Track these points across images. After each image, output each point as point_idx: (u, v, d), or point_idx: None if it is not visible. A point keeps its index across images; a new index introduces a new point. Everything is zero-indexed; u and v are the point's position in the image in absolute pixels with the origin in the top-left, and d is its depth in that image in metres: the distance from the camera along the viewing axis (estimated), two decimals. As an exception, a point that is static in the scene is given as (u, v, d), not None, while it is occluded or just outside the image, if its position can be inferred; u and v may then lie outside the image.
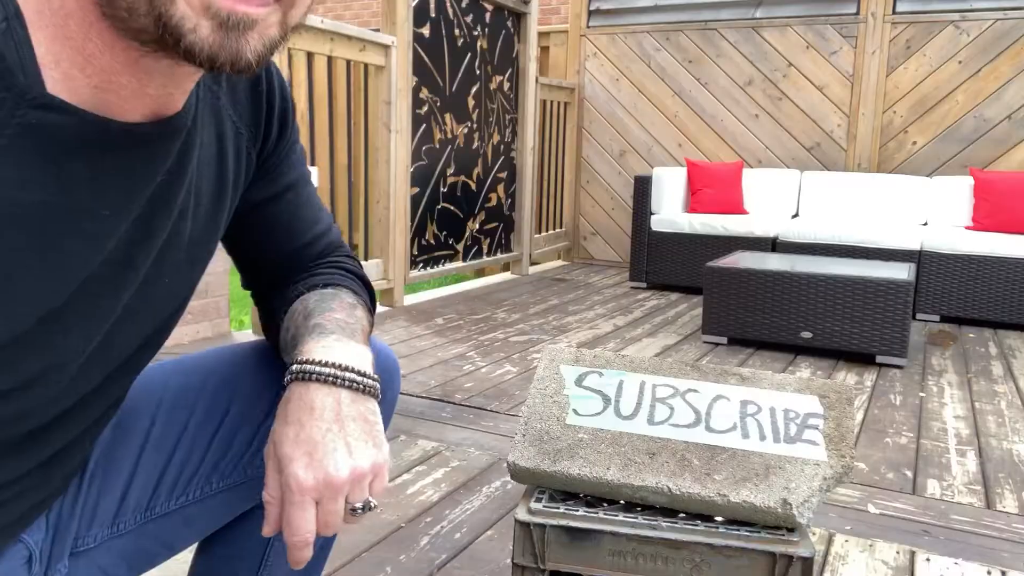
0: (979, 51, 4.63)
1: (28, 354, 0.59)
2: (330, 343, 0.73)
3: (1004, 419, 2.50)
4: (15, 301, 0.55)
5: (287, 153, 0.82)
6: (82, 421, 0.70)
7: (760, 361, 3.15)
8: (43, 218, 0.54)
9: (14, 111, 0.50)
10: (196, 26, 0.51)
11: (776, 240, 4.46)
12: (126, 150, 0.58)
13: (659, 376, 1.05)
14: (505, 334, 3.46)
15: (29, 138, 0.51)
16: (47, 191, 0.53)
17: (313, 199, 0.88)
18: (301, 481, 0.66)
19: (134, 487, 0.81)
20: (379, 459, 0.69)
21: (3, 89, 0.49)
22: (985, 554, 1.61)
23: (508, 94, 4.98)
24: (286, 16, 0.57)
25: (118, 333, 0.67)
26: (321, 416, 0.68)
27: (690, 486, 0.90)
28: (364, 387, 0.71)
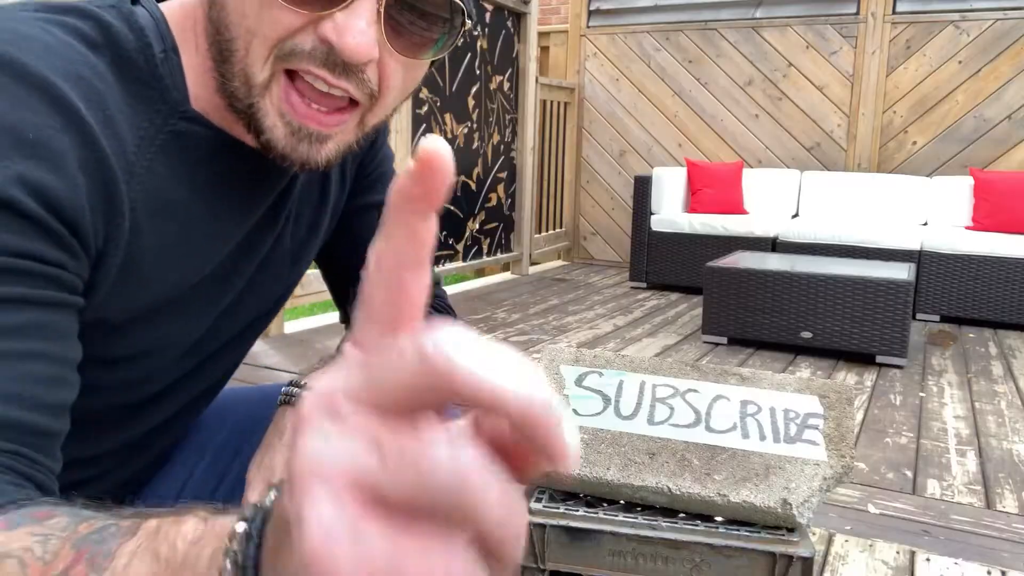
0: (979, 51, 4.63)
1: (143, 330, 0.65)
2: None
3: (1004, 419, 2.50)
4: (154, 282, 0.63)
5: (377, 170, 0.86)
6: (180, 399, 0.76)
7: (760, 361, 3.15)
8: (184, 214, 0.63)
9: (168, 119, 0.61)
10: (273, 125, 0.60)
11: (776, 240, 4.46)
12: (251, 168, 0.67)
13: (659, 376, 1.05)
14: (505, 334, 3.46)
15: (177, 143, 0.61)
16: (190, 190, 0.63)
17: None
18: None
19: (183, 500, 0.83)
20: None
21: (161, 102, 0.60)
22: (985, 554, 1.61)
23: (508, 94, 4.98)
24: (364, 120, 0.63)
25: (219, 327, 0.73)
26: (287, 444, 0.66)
27: (690, 486, 0.90)
28: None
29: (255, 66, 0.58)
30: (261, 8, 0.57)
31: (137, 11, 0.61)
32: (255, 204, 0.69)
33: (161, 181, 0.60)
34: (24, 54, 0.52)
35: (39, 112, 0.51)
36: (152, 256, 0.61)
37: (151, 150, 0.59)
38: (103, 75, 0.56)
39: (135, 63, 0.59)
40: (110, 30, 0.58)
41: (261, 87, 0.59)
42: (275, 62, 0.58)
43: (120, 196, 0.56)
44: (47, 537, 0.41)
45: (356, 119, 0.62)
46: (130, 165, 0.58)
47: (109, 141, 0.55)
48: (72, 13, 0.58)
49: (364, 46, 0.56)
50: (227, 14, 0.58)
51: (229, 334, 0.77)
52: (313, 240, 0.80)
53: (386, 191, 0.83)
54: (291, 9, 0.56)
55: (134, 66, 0.59)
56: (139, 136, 0.58)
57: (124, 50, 0.58)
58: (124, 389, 0.68)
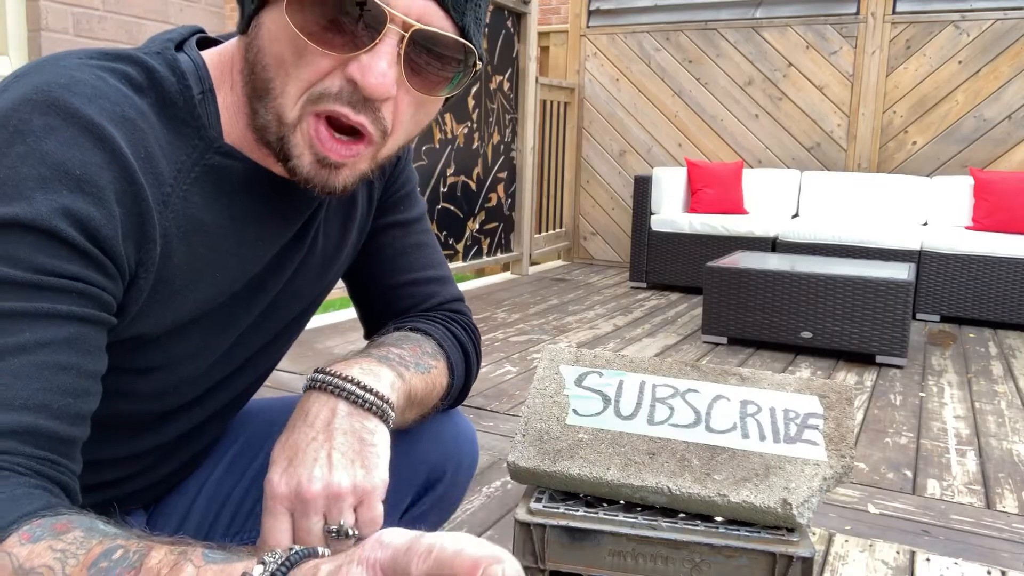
0: (979, 51, 4.63)
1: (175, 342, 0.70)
2: (356, 361, 0.73)
3: (1004, 419, 2.50)
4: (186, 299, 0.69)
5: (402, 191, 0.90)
6: (211, 406, 0.80)
7: (760, 361, 3.15)
8: (217, 237, 0.70)
9: (204, 153, 0.68)
10: (302, 154, 0.66)
11: (776, 240, 4.46)
12: (281, 195, 0.73)
13: (659, 376, 1.05)
14: (505, 334, 3.46)
15: (212, 175, 0.69)
16: (221, 217, 0.70)
17: (427, 248, 0.93)
18: (274, 486, 0.64)
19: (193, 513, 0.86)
20: (364, 483, 0.65)
21: (198, 138, 0.68)
22: (985, 554, 1.61)
23: (508, 94, 4.98)
24: (377, 154, 0.69)
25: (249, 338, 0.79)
26: (312, 424, 0.67)
27: (690, 486, 0.89)
28: (366, 403, 0.68)
29: (287, 105, 0.65)
30: (297, 53, 0.63)
31: (180, 57, 0.69)
32: (285, 227, 0.76)
33: (195, 208, 0.67)
34: (76, 98, 0.59)
35: (85, 150, 0.58)
36: (183, 276, 0.68)
37: (188, 180, 0.67)
38: (146, 115, 0.64)
39: (175, 103, 0.66)
40: (154, 74, 0.66)
41: (292, 125, 0.65)
42: (305, 104, 0.64)
43: (152, 225, 0.63)
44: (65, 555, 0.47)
45: (371, 152, 0.68)
46: (166, 196, 0.65)
47: (147, 176, 0.62)
48: (123, 59, 0.65)
49: (384, 85, 0.63)
50: (264, 56, 0.65)
51: (259, 344, 0.81)
52: (339, 256, 0.86)
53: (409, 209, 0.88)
54: (323, 53, 0.63)
55: (175, 106, 0.66)
56: (177, 168, 0.66)
57: (166, 92, 0.66)
58: (157, 396, 0.73)
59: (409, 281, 0.91)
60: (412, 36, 0.63)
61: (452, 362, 0.87)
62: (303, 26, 0.62)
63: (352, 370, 0.71)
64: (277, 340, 0.84)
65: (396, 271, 0.91)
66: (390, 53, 0.63)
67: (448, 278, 0.95)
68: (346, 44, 0.62)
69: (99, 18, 2.59)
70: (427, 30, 0.63)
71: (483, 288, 4.70)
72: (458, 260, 4.62)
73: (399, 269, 0.91)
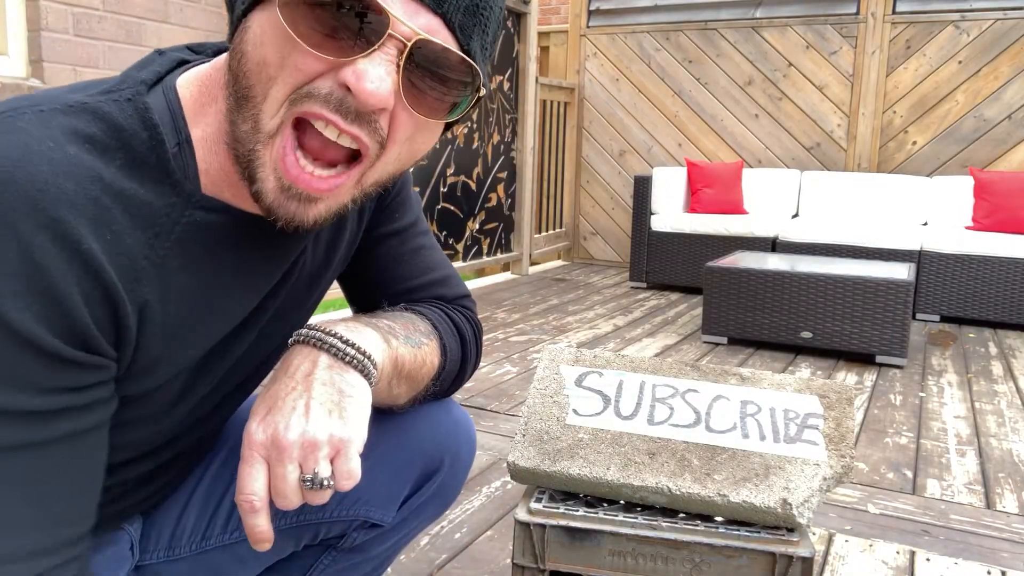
0: (979, 51, 4.63)
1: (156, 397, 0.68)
2: (343, 322, 0.72)
3: (1004, 419, 2.50)
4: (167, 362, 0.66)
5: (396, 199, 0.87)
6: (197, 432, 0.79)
7: (760, 361, 3.15)
8: (200, 296, 0.66)
9: (183, 211, 0.63)
10: (266, 178, 0.61)
11: (776, 240, 4.46)
12: (269, 240, 0.69)
13: (659, 376, 1.05)
14: (505, 334, 3.46)
15: (193, 233, 0.64)
16: (205, 275, 0.66)
17: (425, 251, 0.90)
18: (251, 434, 0.65)
19: (188, 514, 0.85)
20: (340, 433, 0.65)
21: (175, 195, 0.62)
22: (985, 554, 1.61)
23: (508, 94, 4.98)
24: (363, 178, 0.64)
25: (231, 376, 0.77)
26: (292, 375, 0.67)
27: (690, 486, 0.89)
28: (347, 356, 0.68)
29: (268, 112, 0.59)
30: (284, 54, 0.58)
31: (154, 103, 0.63)
32: (271, 272, 0.73)
33: (175, 273, 0.63)
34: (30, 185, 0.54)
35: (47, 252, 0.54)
36: (164, 342, 0.65)
37: (166, 244, 0.62)
38: (112, 186, 0.58)
39: (146, 162, 0.61)
40: (122, 133, 0.60)
41: (267, 135, 0.60)
42: (288, 107, 0.59)
43: (124, 309, 0.59)
44: None
45: (354, 179, 0.63)
46: (138, 272, 0.60)
47: (113, 259, 0.58)
48: (88, 114, 0.59)
49: (381, 92, 0.58)
50: (247, 62, 0.60)
51: (246, 373, 0.79)
52: (325, 274, 0.82)
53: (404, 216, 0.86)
54: (315, 55, 0.58)
55: (146, 165, 0.61)
56: (153, 234, 0.61)
57: (135, 152, 0.61)
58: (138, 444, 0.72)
59: (412, 288, 0.89)
60: (414, 47, 0.58)
61: (445, 343, 0.85)
62: (295, 25, 0.57)
63: (337, 327, 0.70)
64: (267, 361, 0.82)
65: (397, 279, 0.89)
66: (389, 62, 0.58)
67: (451, 276, 0.93)
68: (342, 48, 0.58)
69: (99, 18, 2.59)
70: (431, 42, 0.59)
71: (483, 288, 4.70)
72: (458, 260, 4.61)
73: (400, 278, 0.89)
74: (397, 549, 0.99)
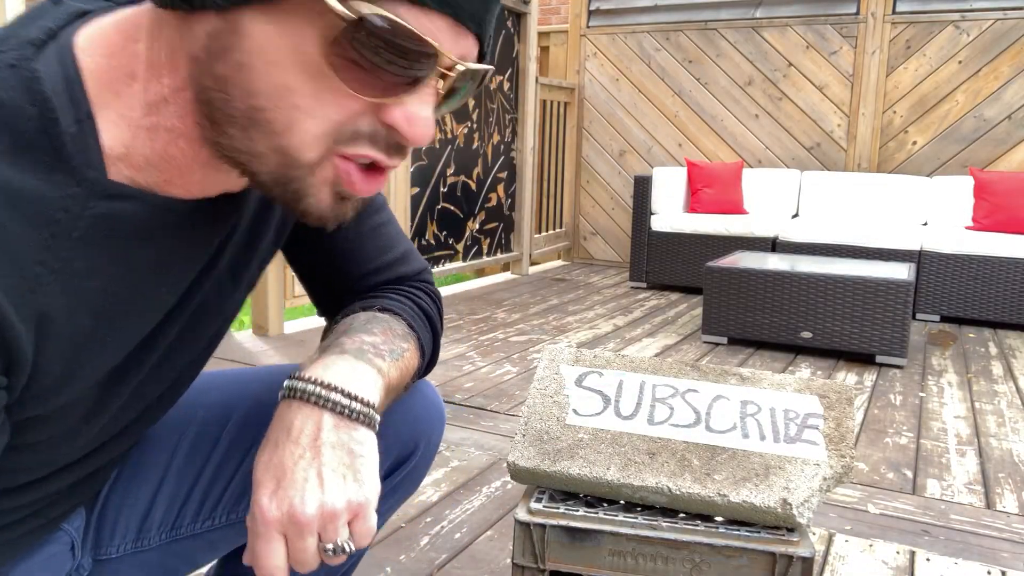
0: (979, 51, 4.63)
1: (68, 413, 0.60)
2: (334, 361, 0.67)
3: (1004, 419, 2.50)
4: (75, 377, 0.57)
5: None
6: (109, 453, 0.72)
7: (760, 361, 3.15)
8: (108, 301, 0.57)
9: (86, 204, 0.53)
10: (320, 194, 0.55)
11: (776, 240, 4.46)
12: (190, 228, 0.61)
13: (659, 376, 1.05)
14: (505, 334, 3.46)
15: (100, 228, 0.54)
16: (112, 277, 0.56)
17: (383, 228, 0.85)
18: (264, 512, 0.61)
19: (157, 507, 0.82)
20: (357, 497, 0.62)
21: (74, 185, 0.52)
22: (985, 554, 1.61)
23: (508, 94, 4.98)
24: None
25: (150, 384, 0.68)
26: (297, 440, 0.63)
27: (690, 486, 0.90)
28: (352, 412, 0.64)
29: (304, 146, 0.53)
30: (319, 89, 0.51)
31: (42, 73, 0.51)
32: (192, 262, 0.64)
33: (79, 276, 0.54)
34: None
35: None
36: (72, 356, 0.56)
37: (67, 245, 0.52)
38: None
39: (37, 146, 0.50)
40: (2, 111, 0.49)
41: (310, 167, 0.54)
42: (331, 145, 0.54)
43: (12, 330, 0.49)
44: None
45: None
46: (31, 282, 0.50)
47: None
48: None
49: (430, 133, 0.55)
50: (255, 80, 0.51)
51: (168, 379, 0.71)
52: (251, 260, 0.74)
53: None
54: (355, 96, 0.52)
55: (37, 149, 0.50)
56: (50, 233, 0.51)
57: (22, 133, 0.50)
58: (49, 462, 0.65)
59: (373, 270, 0.84)
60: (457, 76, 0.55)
61: (423, 342, 0.82)
62: (331, 58, 0.50)
63: (333, 375, 0.65)
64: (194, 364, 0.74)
65: (354, 263, 0.83)
66: (433, 96, 0.54)
67: (408, 252, 0.87)
68: (386, 86, 0.52)
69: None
70: (473, 69, 0.55)
71: (483, 288, 4.70)
72: (458, 260, 4.62)
73: (357, 261, 0.83)
74: None
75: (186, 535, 0.83)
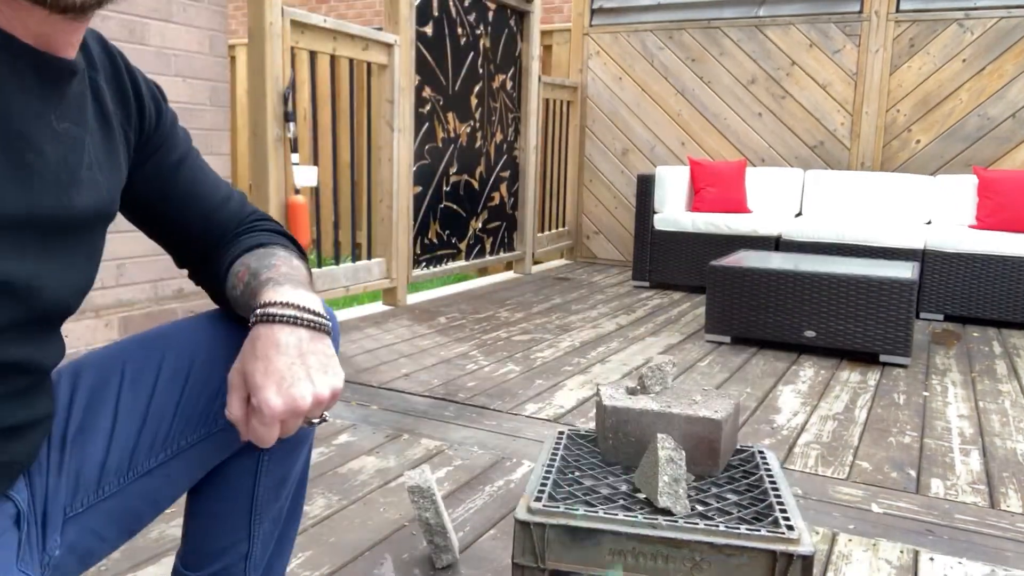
0: (983, 49, 4.62)
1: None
2: (285, 291, 0.82)
3: (1008, 418, 2.49)
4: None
5: (171, 131, 0.92)
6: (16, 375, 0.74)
7: (763, 360, 3.15)
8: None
9: None
10: None
11: (779, 239, 4.45)
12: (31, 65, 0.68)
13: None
14: (508, 333, 3.46)
15: None
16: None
17: (207, 169, 0.97)
18: (273, 407, 0.75)
19: (113, 452, 0.86)
20: (336, 385, 0.79)
21: None
22: (989, 553, 1.60)
23: (511, 93, 4.98)
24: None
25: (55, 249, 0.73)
26: (286, 352, 0.77)
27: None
28: (320, 326, 0.80)
29: None
30: None
31: None
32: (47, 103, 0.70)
33: None
34: None
35: None
36: None
37: None
38: None
39: None
40: None
41: None
42: None
43: None
44: None
45: None
46: None
47: None
48: None
49: None
50: None
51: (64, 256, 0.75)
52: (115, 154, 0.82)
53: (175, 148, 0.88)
54: None
55: None
56: None
57: None
58: None
59: (216, 206, 0.94)
60: None
61: (298, 253, 0.96)
62: None
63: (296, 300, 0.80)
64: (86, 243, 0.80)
65: (201, 201, 0.94)
66: None
67: (232, 191, 0.99)
68: None
69: (102, 17, 2.60)
70: None
71: (486, 287, 4.70)
72: (461, 259, 4.62)
73: (203, 198, 0.94)
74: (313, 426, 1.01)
75: (142, 472, 0.87)
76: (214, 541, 0.98)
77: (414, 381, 2.70)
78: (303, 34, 3.28)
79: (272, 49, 3.10)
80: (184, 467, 0.90)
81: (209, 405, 0.89)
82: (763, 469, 1.14)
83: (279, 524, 1.02)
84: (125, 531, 0.89)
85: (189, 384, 0.89)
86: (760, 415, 2.46)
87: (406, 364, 2.92)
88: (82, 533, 0.84)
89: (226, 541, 0.97)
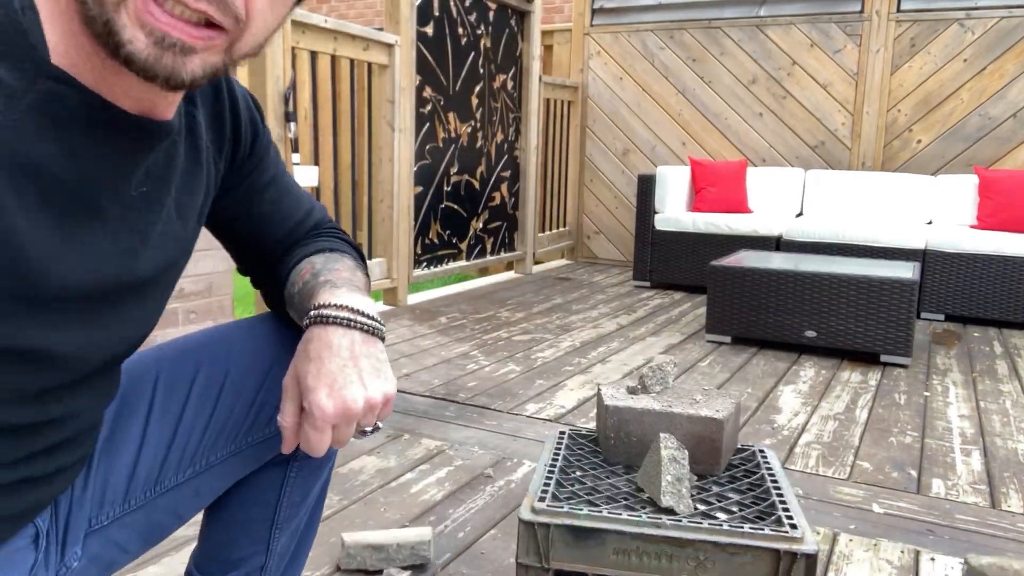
0: (984, 49, 4.62)
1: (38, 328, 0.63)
2: (342, 294, 0.81)
3: (1009, 418, 2.49)
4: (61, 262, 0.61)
5: (264, 153, 0.90)
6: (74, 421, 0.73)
7: (764, 360, 3.15)
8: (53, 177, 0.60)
9: (35, 79, 0.57)
10: (134, 37, 0.56)
11: (780, 239, 4.45)
12: (123, 133, 0.64)
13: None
14: (509, 333, 3.46)
15: (46, 105, 0.58)
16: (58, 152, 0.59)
17: (293, 187, 0.96)
18: (324, 409, 0.74)
19: (141, 464, 0.84)
20: (389, 391, 0.78)
21: (27, 60, 0.56)
22: (990, 553, 1.60)
23: (511, 93, 4.98)
24: (232, 47, 0.62)
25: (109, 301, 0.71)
26: (339, 354, 0.77)
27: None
28: (374, 330, 0.80)
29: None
30: None
31: None
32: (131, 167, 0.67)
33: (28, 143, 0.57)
34: None
35: None
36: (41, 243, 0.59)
37: (20, 108, 0.56)
38: None
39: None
40: None
41: (114, 3, 0.55)
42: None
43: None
44: None
45: (225, 43, 0.60)
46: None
47: None
48: None
49: None
50: None
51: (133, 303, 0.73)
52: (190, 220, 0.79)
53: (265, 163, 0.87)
54: None
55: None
56: (6, 95, 0.55)
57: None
58: None
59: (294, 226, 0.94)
60: None
61: (363, 265, 0.96)
62: None
63: (352, 303, 0.80)
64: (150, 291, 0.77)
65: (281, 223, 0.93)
66: None
67: (315, 205, 0.99)
68: None
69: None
70: None
71: (487, 287, 4.70)
72: (462, 259, 4.62)
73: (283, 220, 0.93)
74: None
75: (169, 487, 0.86)
76: (233, 551, 0.97)
77: (415, 381, 2.70)
78: (304, 34, 3.28)
79: (273, 49, 3.10)
80: (212, 481, 0.89)
81: (240, 421, 0.88)
82: (764, 468, 1.14)
83: (295, 539, 1.01)
84: (147, 542, 0.88)
85: (221, 399, 0.88)
86: (761, 415, 2.46)
87: (407, 364, 2.92)
88: (105, 545, 0.83)
89: (245, 552, 0.97)
